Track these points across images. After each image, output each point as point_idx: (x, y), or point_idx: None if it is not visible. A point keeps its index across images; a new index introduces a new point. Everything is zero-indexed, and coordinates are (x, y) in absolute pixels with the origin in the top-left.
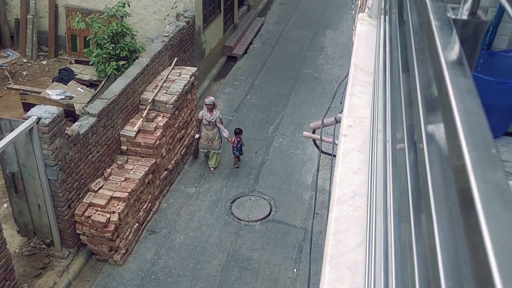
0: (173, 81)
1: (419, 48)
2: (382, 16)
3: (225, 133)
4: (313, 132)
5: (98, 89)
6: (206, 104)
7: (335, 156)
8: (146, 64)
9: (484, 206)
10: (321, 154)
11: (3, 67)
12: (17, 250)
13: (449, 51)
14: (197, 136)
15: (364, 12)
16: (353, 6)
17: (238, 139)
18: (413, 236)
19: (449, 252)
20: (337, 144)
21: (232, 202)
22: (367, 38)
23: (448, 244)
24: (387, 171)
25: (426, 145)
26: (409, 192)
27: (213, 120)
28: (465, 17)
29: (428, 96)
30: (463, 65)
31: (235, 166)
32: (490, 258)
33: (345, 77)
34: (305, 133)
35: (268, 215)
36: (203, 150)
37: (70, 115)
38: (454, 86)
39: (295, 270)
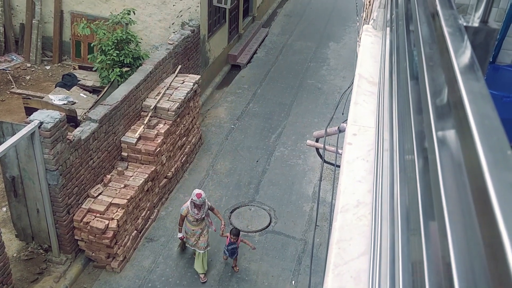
0: (176, 88)
1: (430, 56)
2: (388, 28)
3: (212, 228)
4: (316, 141)
5: (101, 95)
6: (194, 203)
7: (337, 166)
8: (150, 71)
9: (502, 208)
10: (324, 164)
11: (7, 71)
12: (14, 255)
13: (462, 56)
14: (180, 235)
15: (368, 24)
16: (357, 18)
17: (231, 240)
18: (423, 245)
19: (465, 263)
20: (340, 154)
21: (231, 212)
22: (371, 49)
23: (464, 253)
24: (394, 180)
25: (438, 151)
26: (419, 201)
27: (202, 217)
28: (476, 24)
29: (439, 102)
30: (476, 70)
31: (235, 269)
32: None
33: (348, 88)
34: (308, 141)
35: (267, 226)
36: (191, 247)
37: (72, 120)
38: (467, 90)
39: (293, 282)
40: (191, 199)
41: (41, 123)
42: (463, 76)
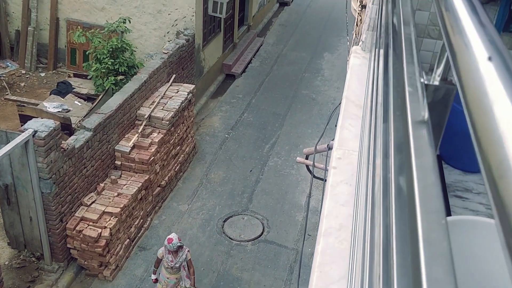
0: (170, 97)
1: (397, 105)
2: (373, 52)
3: (188, 283)
4: (307, 158)
5: (95, 103)
6: (166, 248)
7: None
8: (144, 80)
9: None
10: (314, 178)
11: (1, 77)
12: (6, 262)
13: (417, 124)
14: (153, 277)
15: (358, 45)
16: (348, 38)
17: None
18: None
19: None
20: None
21: (224, 221)
22: (359, 71)
23: None
24: (367, 207)
25: (394, 197)
26: (381, 233)
27: (177, 265)
28: (437, 82)
29: (397, 150)
30: (429, 145)
31: None
32: None
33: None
34: (298, 158)
35: (260, 235)
36: None
37: (66, 128)
38: (417, 155)
39: None
40: (164, 245)
41: (35, 131)
42: (415, 141)
